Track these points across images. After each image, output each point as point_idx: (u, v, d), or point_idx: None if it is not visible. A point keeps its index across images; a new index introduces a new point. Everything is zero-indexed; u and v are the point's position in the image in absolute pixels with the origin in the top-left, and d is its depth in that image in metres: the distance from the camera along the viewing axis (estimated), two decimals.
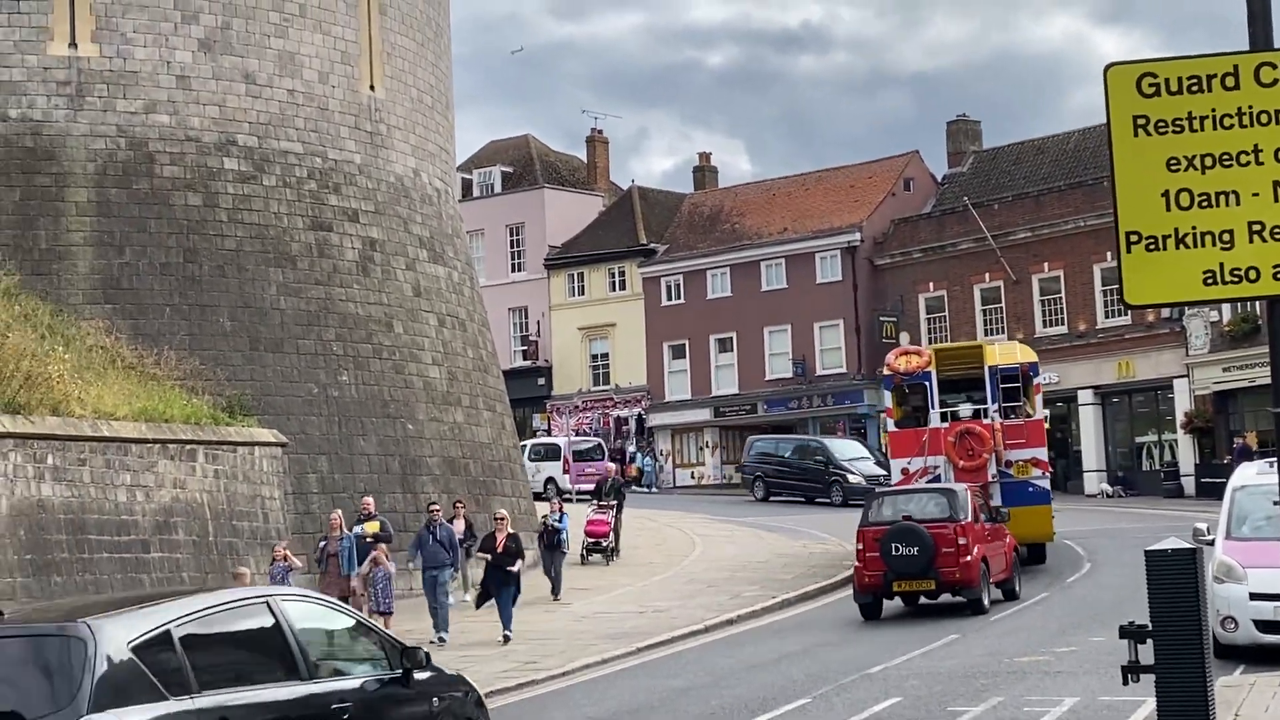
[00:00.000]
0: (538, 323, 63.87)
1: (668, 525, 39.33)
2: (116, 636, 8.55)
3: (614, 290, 62.47)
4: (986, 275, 52.84)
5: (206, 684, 8.71)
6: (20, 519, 19.51)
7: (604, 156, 69.66)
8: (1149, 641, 9.36)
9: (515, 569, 22.86)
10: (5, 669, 8.44)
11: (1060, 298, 51.28)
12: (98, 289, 27.31)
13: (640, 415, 61.17)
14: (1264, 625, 15.63)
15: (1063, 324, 51.16)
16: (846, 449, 47.94)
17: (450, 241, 33.46)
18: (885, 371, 29.10)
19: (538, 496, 37.66)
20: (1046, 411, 29.28)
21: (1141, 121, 7.72)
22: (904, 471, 27.66)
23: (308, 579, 22.93)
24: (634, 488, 56.76)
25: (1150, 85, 7.65)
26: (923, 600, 23.22)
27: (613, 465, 40.23)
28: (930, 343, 51.63)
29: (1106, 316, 50.06)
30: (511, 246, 64.98)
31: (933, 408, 27.97)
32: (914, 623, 22.12)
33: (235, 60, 29.27)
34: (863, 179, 59.53)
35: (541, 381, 63.17)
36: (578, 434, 59.49)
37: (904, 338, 54.20)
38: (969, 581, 22.23)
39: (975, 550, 22.50)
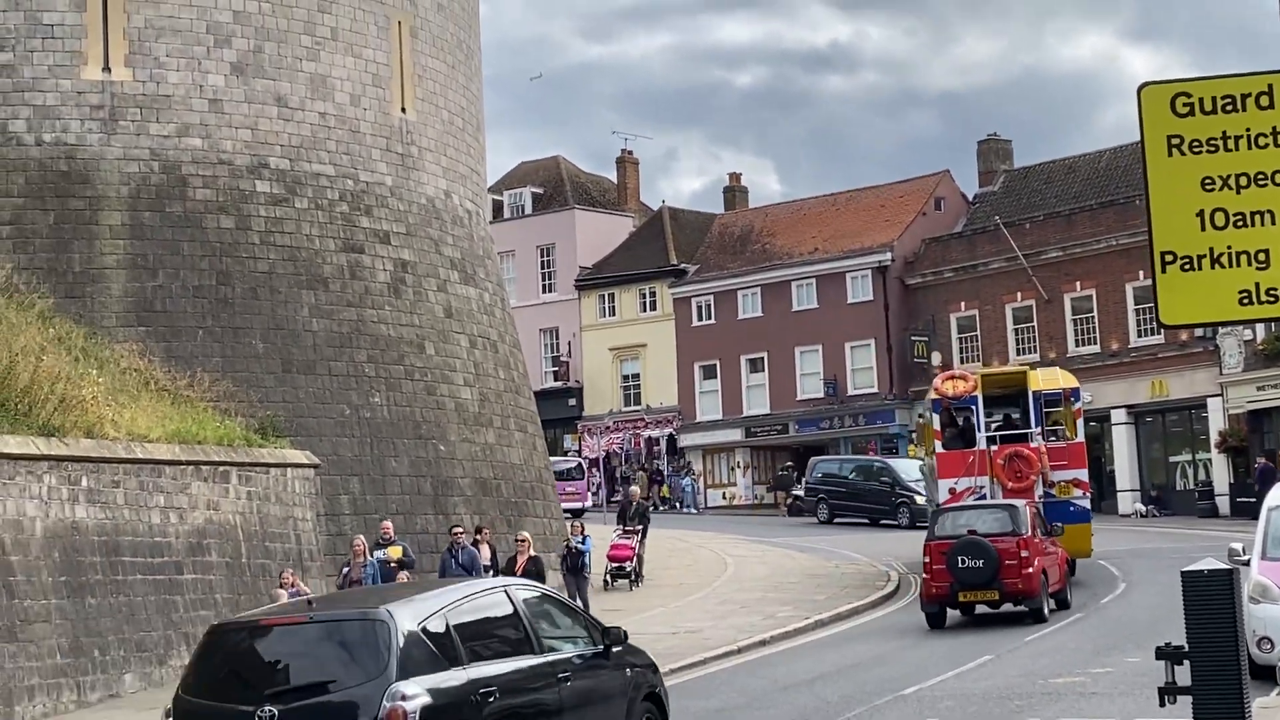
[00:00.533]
0: (568, 343, 63.94)
1: (699, 545, 39.25)
2: (408, 619, 10.56)
3: (645, 311, 62.50)
4: (1018, 294, 52.67)
5: (471, 657, 10.84)
6: (55, 541, 19.59)
7: (634, 177, 69.78)
8: (1185, 663, 9.28)
9: None
10: (317, 648, 10.57)
11: (1093, 317, 51.07)
12: (131, 312, 27.46)
13: (671, 435, 61.13)
14: None
15: (1095, 343, 50.95)
16: (913, 470, 45.06)
17: (481, 263, 33.54)
18: (932, 395, 29.82)
19: None
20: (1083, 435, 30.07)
21: (1176, 141, 7.69)
22: (951, 491, 28.26)
23: None
24: (663, 508, 56.78)
25: (1184, 105, 7.61)
26: (983, 609, 24.09)
27: (636, 489, 37.99)
28: (962, 363, 51.86)
29: (1139, 336, 49.82)
30: (542, 267, 65.09)
31: (979, 430, 28.79)
32: (947, 643, 22.02)
33: (267, 83, 29.44)
34: (893, 198, 59.45)
35: (572, 402, 63.20)
36: (608, 455, 59.57)
37: (936, 357, 54.09)
38: (1031, 592, 23.39)
39: (1036, 563, 23.72)
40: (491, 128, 31.19)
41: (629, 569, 31.36)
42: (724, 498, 59.84)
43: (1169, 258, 7.76)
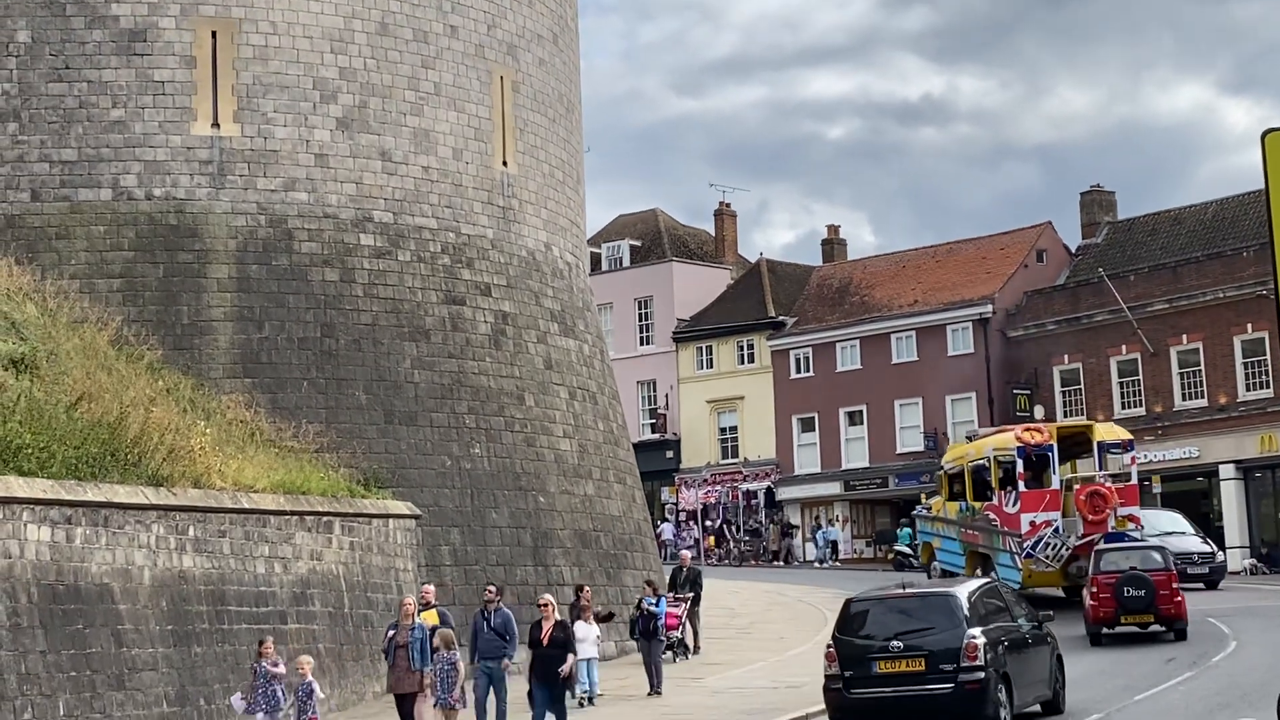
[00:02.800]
0: (666, 395, 63.92)
1: (799, 600, 38.94)
2: (964, 595, 19.03)
3: (742, 363, 62.37)
4: (1123, 347, 51.97)
5: (988, 618, 18.96)
6: (163, 590, 19.81)
7: (732, 229, 69.83)
8: None
9: (566, 668, 20.50)
10: (917, 611, 18.77)
11: (1200, 370, 50.22)
12: (238, 363, 27.81)
13: (769, 489, 60.83)
14: None
15: (1203, 397, 50.09)
16: (1161, 520, 39.72)
17: (581, 315, 33.65)
18: (1016, 443, 34.74)
19: None
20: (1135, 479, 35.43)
21: None
22: (1031, 524, 33.39)
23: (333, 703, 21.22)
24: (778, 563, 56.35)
25: None
26: (1135, 630, 28.17)
27: (687, 553, 34.39)
28: (1066, 415, 51.67)
29: (1248, 389, 48.91)
30: (640, 319, 65.21)
31: (1055, 473, 34.10)
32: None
33: (372, 138, 29.82)
34: (994, 250, 59.00)
35: (670, 454, 63.11)
36: (705, 507, 59.32)
37: (1039, 411, 53.51)
38: (1180, 616, 28.30)
39: (1180, 594, 28.65)
40: (588, 181, 31.52)
41: (675, 639, 28.63)
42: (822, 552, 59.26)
43: None
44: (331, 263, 28.99)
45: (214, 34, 28.85)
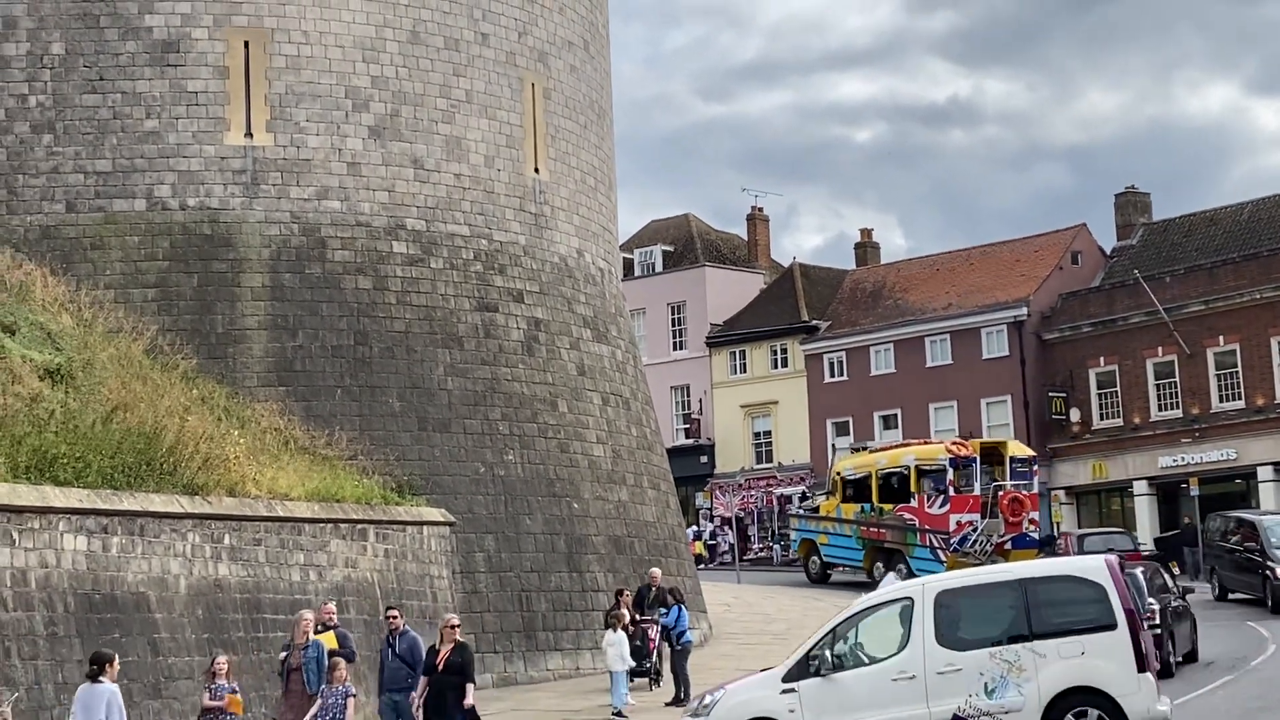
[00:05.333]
0: (700, 401, 63.86)
1: (834, 605, 38.73)
2: (1141, 574, 24.56)
3: (776, 368, 62.26)
4: (1159, 349, 51.67)
5: (1156, 592, 24.79)
6: (199, 598, 19.88)
7: (765, 234, 69.75)
8: None
9: (468, 701, 18.57)
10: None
11: (1237, 371, 49.89)
12: (272, 372, 27.90)
13: (805, 493, 60.68)
14: None
15: (1240, 398, 49.76)
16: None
17: (614, 321, 33.65)
18: (947, 454, 40.97)
19: None
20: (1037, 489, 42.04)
21: None
22: (958, 523, 39.55)
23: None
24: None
25: None
26: None
27: (657, 571, 28.49)
28: (1102, 419, 52.38)
29: None
30: (673, 325, 65.18)
31: (977, 480, 40.06)
32: None
33: (404, 146, 29.88)
34: (1028, 253, 58.75)
35: (704, 459, 63.04)
36: (742, 512, 59.16)
37: (1074, 413, 53.30)
38: None
39: None
40: (619, 186, 31.60)
41: (648, 666, 25.94)
42: None
43: None
44: (364, 270, 29.06)
45: (246, 44, 28.97)
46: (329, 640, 18.85)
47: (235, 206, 28.62)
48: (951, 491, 40.14)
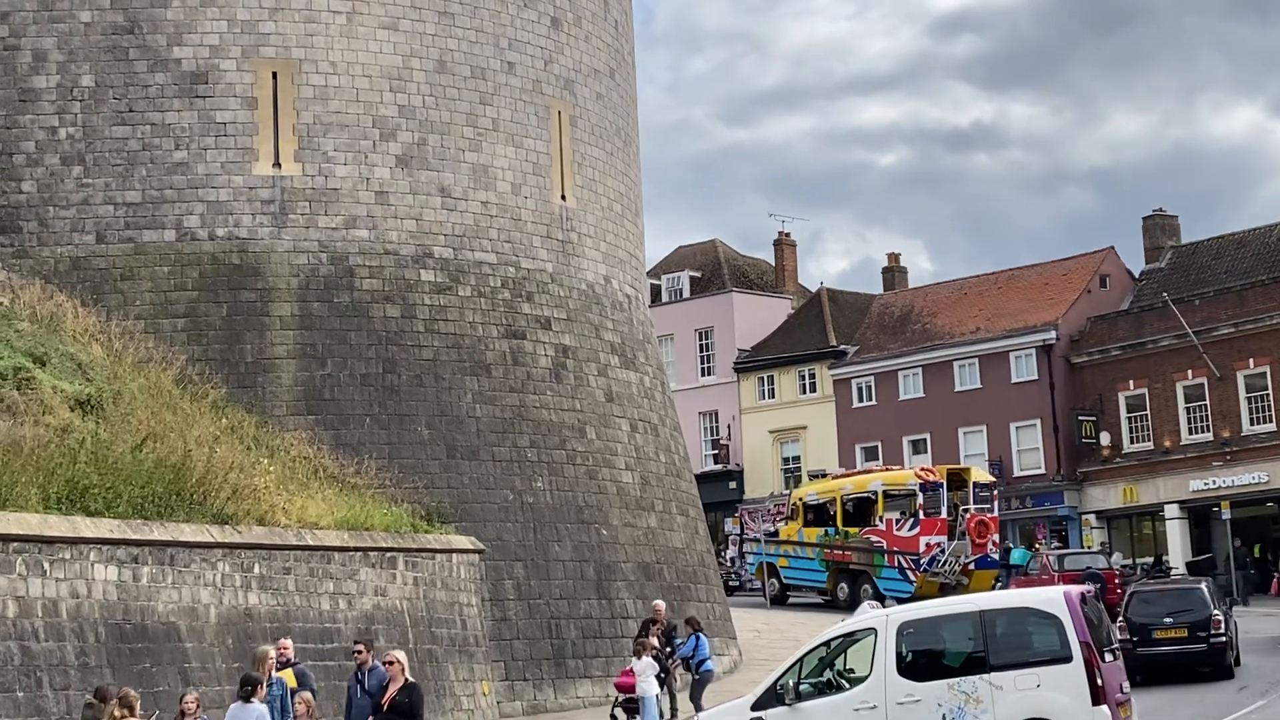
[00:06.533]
0: (728, 426, 63.77)
1: None
2: (1205, 587, 29.01)
3: (804, 393, 62.16)
4: (1189, 372, 51.41)
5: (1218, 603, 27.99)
6: (229, 627, 19.92)
7: (792, 259, 69.73)
8: None
9: None
10: (1180, 597, 28.28)
11: (1268, 394, 49.62)
12: (300, 400, 27.97)
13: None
14: None
15: (1270, 421, 49.46)
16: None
17: (641, 347, 33.65)
18: (916, 479, 42.90)
19: None
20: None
21: None
22: (927, 545, 41.43)
23: None
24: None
25: None
26: None
27: (660, 603, 27.10)
28: (1132, 443, 52.08)
29: None
30: (701, 350, 65.15)
31: (944, 504, 41.88)
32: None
33: (431, 175, 29.98)
34: (1056, 276, 58.56)
35: (733, 485, 62.90)
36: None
37: (1104, 438, 53.04)
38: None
39: (1121, 589, 34.58)
40: (645, 212, 31.71)
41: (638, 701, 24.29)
42: None
43: None
44: (393, 299, 29.14)
45: (274, 75, 29.14)
46: (288, 678, 18.46)
47: (264, 236, 28.74)
48: (921, 515, 42.13)
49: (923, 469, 45.14)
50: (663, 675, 24.60)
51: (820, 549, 44.83)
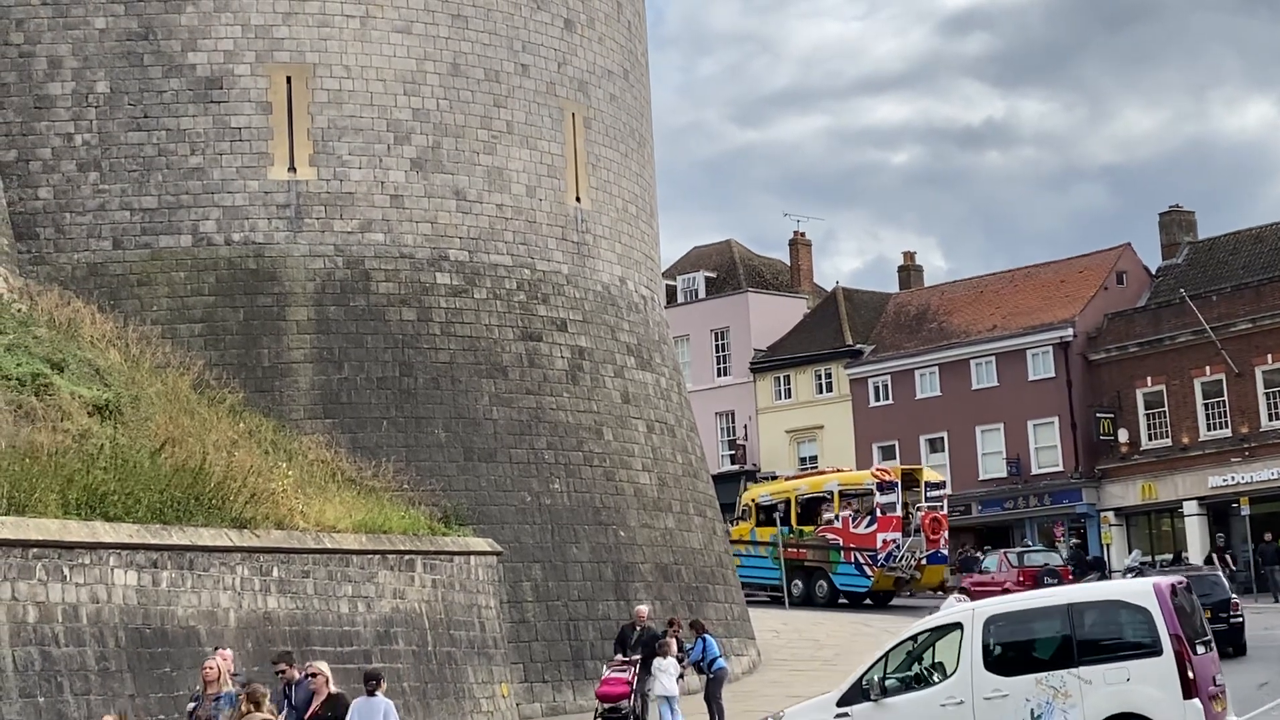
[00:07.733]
0: (745, 426, 63.74)
1: (883, 630, 38.54)
2: (1223, 574, 34.28)
3: (821, 392, 62.12)
4: (1207, 368, 51.28)
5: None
6: (248, 631, 19.96)
7: (807, 258, 69.69)
8: None
9: None
10: (1201, 584, 27.57)
11: None
12: (318, 404, 28.02)
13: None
14: None
15: None
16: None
17: (657, 348, 33.65)
18: (873, 479, 45.15)
19: None
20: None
21: None
22: (884, 541, 43.63)
23: None
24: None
25: None
26: None
27: (643, 608, 26.22)
28: (1150, 439, 52.08)
29: None
30: (717, 351, 65.13)
31: (898, 503, 43.80)
32: None
33: (446, 178, 30.02)
34: (1073, 274, 58.44)
35: (750, 485, 62.79)
36: None
37: (1122, 434, 52.93)
38: None
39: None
40: (660, 213, 31.74)
41: (625, 709, 23.98)
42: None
43: None
44: (408, 302, 29.18)
45: (289, 79, 29.19)
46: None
47: (280, 241, 28.80)
48: (879, 513, 44.12)
49: (878, 469, 47.58)
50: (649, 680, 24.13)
51: (774, 548, 46.33)
